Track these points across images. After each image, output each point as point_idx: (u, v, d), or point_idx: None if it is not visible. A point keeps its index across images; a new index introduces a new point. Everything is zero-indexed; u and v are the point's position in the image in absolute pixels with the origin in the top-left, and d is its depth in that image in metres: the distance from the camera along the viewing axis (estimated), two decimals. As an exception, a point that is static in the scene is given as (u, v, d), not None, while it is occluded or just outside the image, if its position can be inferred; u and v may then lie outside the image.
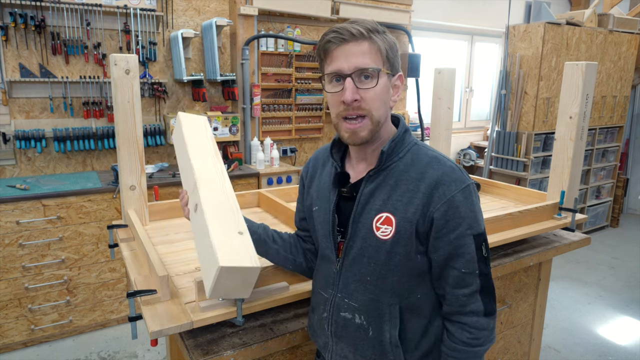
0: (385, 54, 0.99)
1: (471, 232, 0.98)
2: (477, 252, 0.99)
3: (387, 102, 1.02)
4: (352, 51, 0.96)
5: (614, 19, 4.79)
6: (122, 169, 1.77)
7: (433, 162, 1.00)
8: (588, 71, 1.88)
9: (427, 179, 0.98)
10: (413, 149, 1.04)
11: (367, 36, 0.97)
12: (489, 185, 2.44)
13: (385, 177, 1.02)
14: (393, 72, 1.02)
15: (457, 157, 5.25)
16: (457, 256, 0.99)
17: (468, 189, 0.99)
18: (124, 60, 1.64)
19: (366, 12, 4.05)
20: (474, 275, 1.00)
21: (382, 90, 0.99)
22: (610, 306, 3.54)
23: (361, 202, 1.03)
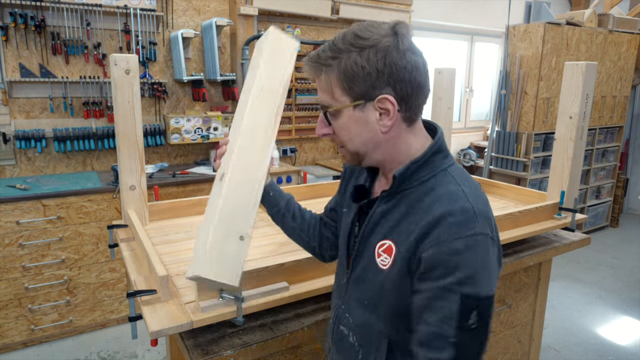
0: (343, 82, 0.85)
1: (459, 290, 0.78)
2: (460, 317, 0.78)
3: (366, 133, 0.88)
4: (317, 84, 0.90)
5: (614, 19, 4.79)
6: (122, 169, 1.77)
7: (446, 196, 0.84)
8: (588, 71, 1.88)
9: (430, 214, 0.83)
10: (439, 175, 0.89)
11: (319, 70, 0.88)
12: (489, 185, 2.44)
13: (399, 201, 0.90)
14: (365, 99, 0.85)
15: (457, 157, 5.25)
16: (433, 309, 0.80)
17: (474, 240, 0.80)
18: (124, 60, 1.64)
19: (366, 12, 4.05)
20: (447, 342, 0.78)
21: (347, 125, 0.88)
22: (610, 306, 3.54)
23: (371, 222, 0.95)
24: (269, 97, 1.11)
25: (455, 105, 5.16)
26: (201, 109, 3.66)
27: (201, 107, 3.66)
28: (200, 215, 2.02)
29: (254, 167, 1.06)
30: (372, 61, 0.82)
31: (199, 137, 3.48)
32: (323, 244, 1.22)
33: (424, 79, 0.87)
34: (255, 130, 1.08)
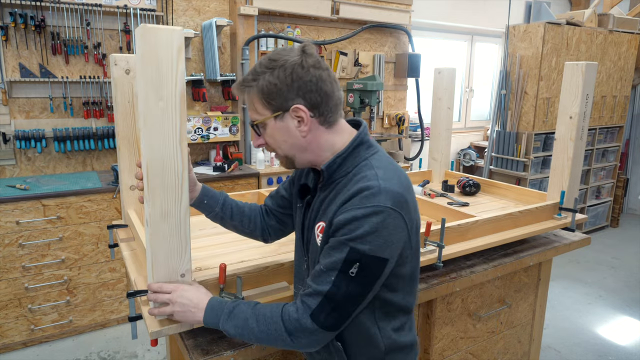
0: (262, 99, 1.01)
1: (349, 244, 0.94)
2: (344, 264, 0.95)
3: (290, 139, 1.04)
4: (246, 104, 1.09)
5: (614, 19, 4.79)
6: (122, 169, 1.77)
7: (360, 179, 1.00)
8: (588, 71, 1.87)
9: (347, 194, 0.99)
10: (361, 164, 1.03)
11: (242, 89, 1.03)
12: (489, 185, 2.44)
13: (331, 190, 1.06)
14: (282, 110, 1.00)
15: (457, 157, 5.26)
16: (327, 255, 0.98)
17: (372, 209, 0.94)
18: (124, 60, 1.64)
19: (366, 12, 4.05)
20: (328, 278, 0.96)
21: (273, 134, 1.04)
22: (610, 306, 3.54)
23: (314, 210, 1.10)
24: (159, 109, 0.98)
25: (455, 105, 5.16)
26: (201, 109, 3.66)
27: (201, 107, 3.66)
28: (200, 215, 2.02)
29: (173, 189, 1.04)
30: (281, 78, 0.98)
31: (199, 137, 3.48)
32: (266, 231, 1.35)
33: (330, 88, 1.02)
34: (156, 165, 1.01)
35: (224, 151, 3.68)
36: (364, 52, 4.23)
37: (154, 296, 1.08)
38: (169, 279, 1.10)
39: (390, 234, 0.96)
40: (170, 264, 1.09)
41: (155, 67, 0.96)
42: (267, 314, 1.01)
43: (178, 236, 1.08)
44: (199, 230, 1.80)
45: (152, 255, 1.07)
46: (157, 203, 1.03)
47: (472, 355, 1.92)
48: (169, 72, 0.97)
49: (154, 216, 1.03)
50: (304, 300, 0.99)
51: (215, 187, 3.23)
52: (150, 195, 1.02)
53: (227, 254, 1.44)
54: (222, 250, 1.63)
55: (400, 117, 4.49)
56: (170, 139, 1.00)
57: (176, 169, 1.03)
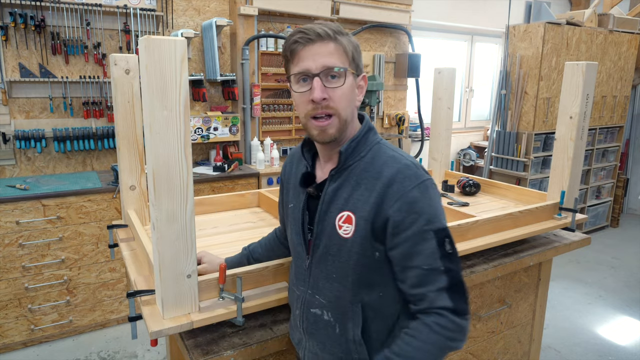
0: (351, 55, 1.02)
1: (430, 228, 0.96)
2: (440, 249, 0.96)
3: (354, 102, 1.04)
4: (319, 51, 0.98)
5: (614, 19, 4.79)
6: (122, 169, 1.77)
7: (389, 160, 1.01)
8: (588, 71, 1.87)
9: (382, 178, 0.98)
10: (375, 148, 1.05)
11: (332, 37, 0.99)
12: (489, 185, 2.43)
13: (348, 176, 1.04)
14: (358, 73, 1.05)
15: (457, 157, 5.25)
16: (417, 253, 0.96)
17: (424, 185, 0.98)
18: (124, 60, 1.64)
19: (366, 12, 4.05)
20: (438, 271, 0.96)
21: (349, 89, 1.01)
22: (610, 306, 3.54)
23: (325, 201, 1.06)
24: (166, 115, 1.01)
25: (455, 105, 5.16)
26: (201, 109, 3.66)
27: (201, 107, 3.66)
28: (199, 215, 2.03)
29: (179, 190, 1.07)
30: (355, 46, 1.04)
31: (199, 137, 3.48)
32: (288, 252, 1.35)
33: None
34: (162, 171, 1.03)
35: (224, 151, 3.68)
36: (364, 52, 4.23)
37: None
38: (175, 280, 1.10)
39: (439, 200, 1.01)
40: (176, 266, 1.10)
41: (159, 77, 0.99)
42: (420, 343, 0.96)
43: (184, 239, 1.09)
44: (199, 230, 1.80)
45: (158, 258, 1.08)
46: (163, 207, 1.05)
47: (472, 355, 1.92)
48: (173, 81, 1.00)
49: (161, 220, 1.05)
50: (439, 305, 0.95)
51: (215, 187, 3.24)
52: (157, 200, 1.04)
53: (227, 254, 1.44)
54: (222, 250, 1.63)
55: (400, 117, 4.49)
56: (175, 145, 1.03)
57: (181, 174, 1.05)
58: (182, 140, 1.04)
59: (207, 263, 1.31)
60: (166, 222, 1.06)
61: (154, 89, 0.99)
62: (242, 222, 1.97)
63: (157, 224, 1.05)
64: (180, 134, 1.03)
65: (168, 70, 0.99)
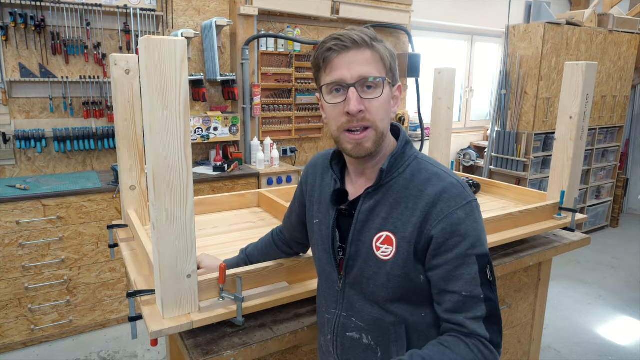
0: (388, 63, 0.95)
1: (473, 252, 0.90)
2: (481, 275, 0.90)
3: (390, 113, 0.97)
4: (355, 59, 0.91)
5: (614, 19, 4.79)
6: (122, 169, 1.77)
7: (433, 178, 0.94)
8: (588, 71, 1.87)
9: (425, 196, 0.92)
10: (413, 164, 0.98)
11: (369, 44, 0.92)
12: (489, 185, 2.43)
13: (385, 194, 0.97)
14: (394, 83, 0.98)
15: (457, 157, 5.25)
16: (457, 277, 0.90)
17: (470, 206, 0.91)
18: (124, 60, 1.64)
19: (366, 12, 4.05)
20: (478, 299, 0.89)
21: (386, 100, 0.94)
22: (610, 306, 3.54)
23: (360, 220, 0.99)
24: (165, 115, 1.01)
25: (455, 105, 5.16)
26: (201, 109, 3.66)
27: (201, 107, 3.66)
28: (199, 215, 2.03)
29: (179, 191, 1.06)
30: (392, 54, 0.97)
31: (199, 137, 3.48)
32: (293, 254, 1.37)
33: None
34: (162, 171, 1.03)
35: (224, 151, 3.68)
36: (364, 52, 4.23)
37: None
38: (175, 280, 1.10)
39: (483, 224, 0.95)
40: (176, 266, 1.10)
41: (159, 78, 0.99)
42: (455, 355, 0.89)
43: (184, 239, 1.09)
44: (199, 230, 1.80)
45: (158, 258, 1.08)
46: (163, 207, 1.05)
47: (472, 355, 1.91)
48: (173, 81, 1.00)
49: (161, 220, 1.05)
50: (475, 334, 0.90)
51: (215, 187, 3.24)
52: (157, 200, 1.04)
53: (227, 254, 1.44)
54: (222, 250, 1.63)
55: (400, 117, 4.49)
56: (175, 145, 1.03)
57: (181, 174, 1.05)
58: (182, 140, 1.03)
59: (206, 268, 1.29)
60: (166, 222, 1.06)
61: (154, 89, 0.98)
62: (242, 222, 1.97)
63: (157, 224, 1.05)
64: (180, 134, 1.03)
65: (168, 70, 0.99)
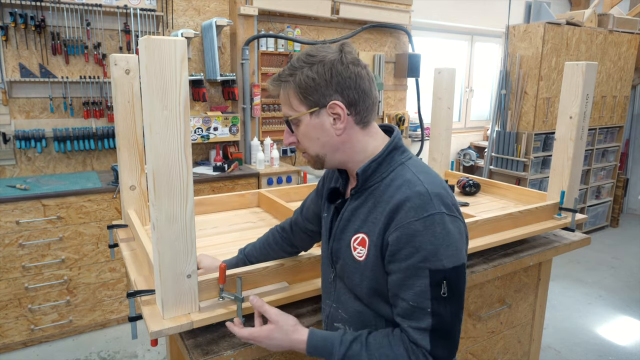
0: (299, 94, 0.97)
1: (426, 266, 0.88)
2: (432, 289, 0.88)
3: (323, 137, 0.99)
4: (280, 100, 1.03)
5: (614, 19, 4.79)
6: (122, 169, 1.77)
7: (404, 185, 0.94)
8: (588, 71, 1.87)
9: (391, 203, 0.93)
10: (397, 169, 0.98)
11: (278, 84, 1.00)
12: (489, 185, 2.43)
13: (367, 197, 1.00)
14: (319, 106, 0.97)
15: (457, 157, 5.25)
16: (407, 287, 0.90)
17: (431, 219, 0.89)
18: (124, 60, 1.64)
19: (366, 12, 4.05)
20: (425, 312, 0.89)
21: (307, 131, 1.00)
22: (610, 306, 3.54)
23: (344, 219, 1.04)
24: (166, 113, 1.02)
25: (455, 105, 5.16)
26: (201, 109, 3.66)
27: (201, 107, 3.66)
28: (199, 215, 2.03)
29: (179, 192, 1.07)
30: (320, 73, 0.95)
31: (199, 137, 3.48)
32: (294, 252, 1.37)
33: (368, 86, 0.98)
34: (162, 171, 1.04)
35: (224, 151, 3.68)
36: (364, 52, 4.23)
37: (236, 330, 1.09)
38: (175, 280, 1.10)
39: (456, 239, 0.91)
40: (176, 266, 1.10)
41: (159, 78, 0.99)
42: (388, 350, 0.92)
43: (184, 239, 1.09)
44: (199, 230, 1.81)
45: (158, 258, 1.07)
46: (163, 208, 1.05)
47: (472, 355, 1.92)
48: (173, 81, 1.00)
49: (161, 220, 1.05)
50: (418, 343, 0.90)
51: (215, 187, 3.24)
52: (157, 200, 1.04)
53: (227, 254, 1.44)
54: (222, 250, 1.63)
55: (400, 117, 4.50)
56: (175, 145, 1.03)
57: (181, 174, 1.05)
58: (182, 140, 1.03)
59: (205, 269, 1.30)
60: (166, 222, 1.06)
61: (154, 89, 0.99)
62: (242, 222, 1.97)
63: (157, 224, 1.05)
64: (180, 134, 1.03)
65: (168, 70, 0.99)
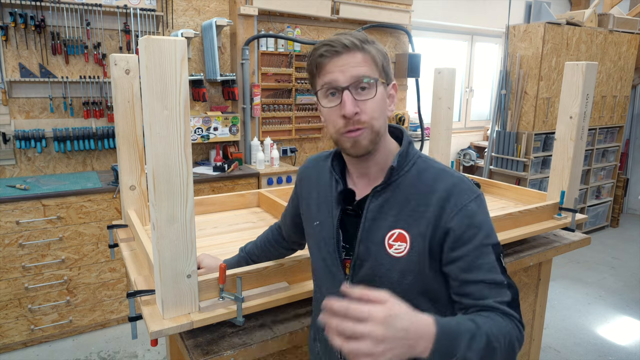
0: (380, 63, 0.97)
1: (489, 242, 0.94)
2: (498, 263, 0.93)
3: (385, 112, 0.99)
4: (347, 62, 0.93)
5: (614, 19, 4.79)
6: (122, 169, 1.77)
7: (441, 174, 0.97)
8: (588, 71, 1.87)
9: (437, 192, 0.95)
10: (418, 162, 1.00)
11: (360, 47, 0.94)
12: (489, 185, 2.43)
13: (393, 192, 0.98)
14: (388, 82, 1.00)
15: (457, 157, 5.25)
16: (478, 267, 0.92)
17: (480, 198, 0.96)
18: (124, 60, 1.64)
19: (366, 12, 4.05)
20: (502, 285, 0.92)
21: (380, 100, 0.96)
22: (610, 306, 3.54)
23: (368, 219, 0.99)
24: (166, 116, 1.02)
25: (455, 105, 5.16)
26: (201, 109, 3.66)
27: (201, 107, 3.66)
28: (199, 215, 2.03)
29: (180, 193, 1.07)
30: (384, 54, 0.99)
31: (199, 137, 3.48)
32: (291, 252, 1.39)
33: None
34: (162, 171, 1.04)
35: (224, 151, 3.68)
36: (364, 52, 4.23)
37: (340, 325, 0.73)
38: (175, 280, 1.10)
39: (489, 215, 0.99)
40: (176, 266, 1.10)
41: (159, 78, 0.99)
42: (494, 323, 0.88)
43: (184, 239, 1.09)
44: (199, 230, 1.81)
45: (158, 258, 1.07)
46: (163, 208, 1.05)
47: (472, 355, 1.91)
48: (173, 81, 1.00)
49: (161, 220, 1.05)
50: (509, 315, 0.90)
51: (215, 187, 3.24)
52: (157, 200, 1.04)
53: (227, 254, 1.44)
54: (222, 250, 1.63)
55: (400, 117, 4.49)
56: (175, 145, 1.03)
57: (181, 174, 1.05)
58: (182, 140, 1.03)
59: (205, 268, 1.30)
60: (166, 222, 1.06)
61: (154, 89, 0.99)
62: (242, 222, 1.97)
63: (157, 224, 1.05)
64: (180, 134, 1.03)
65: (168, 70, 0.99)
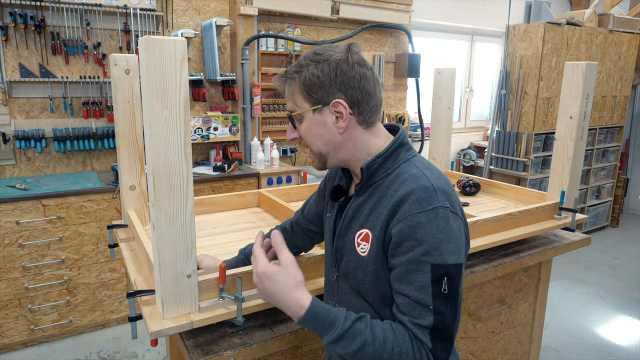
0: (303, 91, 0.98)
1: (428, 260, 0.88)
2: (434, 285, 0.87)
3: (326, 134, 1.00)
4: (285, 95, 1.03)
5: (614, 19, 4.79)
6: (122, 169, 1.77)
7: (409, 179, 0.95)
8: (588, 71, 1.87)
9: (396, 196, 0.93)
10: (403, 165, 0.99)
11: (283, 80, 1.01)
12: (489, 185, 2.43)
13: (371, 193, 1.00)
14: (322, 103, 0.98)
15: (457, 157, 5.25)
16: (408, 281, 0.89)
17: (434, 212, 0.89)
18: (124, 60, 1.64)
19: (366, 12, 4.05)
20: (427, 309, 0.87)
21: (309, 128, 1.01)
22: (610, 306, 3.54)
23: (348, 216, 1.04)
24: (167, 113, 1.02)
25: (455, 105, 5.17)
26: (201, 108, 3.66)
27: (201, 107, 3.66)
28: (199, 215, 2.03)
29: (180, 192, 1.07)
30: (325, 71, 0.96)
31: (199, 137, 3.48)
32: (301, 246, 1.37)
33: (373, 87, 0.99)
34: (162, 171, 1.04)
35: (224, 151, 3.68)
36: (364, 52, 4.23)
37: None
38: (175, 280, 1.10)
39: (457, 236, 0.91)
40: (176, 266, 1.10)
41: (159, 78, 0.99)
42: (391, 335, 0.89)
43: (184, 239, 1.09)
44: (199, 230, 1.81)
45: (158, 258, 1.07)
46: (163, 208, 1.05)
47: (472, 355, 1.92)
48: (173, 81, 1.00)
49: (161, 220, 1.05)
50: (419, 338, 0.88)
51: (215, 187, 3.24)
52: (157, 200, 1.04)
53: (227, 254, 1.44)
54: (222, 250, 1.63)
55: (400, 117, 4.49)
56: (175, 145, 1.03)
57: (181, 174, 1.05)
58: (182, 140, 1.03)
59: (205, 268, 1.30)
60: (166, 222, 1.06)
61: (154, 89, 0.99)
62: (242, 222, 1.97)
63: (157, 224, 1.05)
64: (180, 134, 1.03)
65: (168, 70, 0.99)
